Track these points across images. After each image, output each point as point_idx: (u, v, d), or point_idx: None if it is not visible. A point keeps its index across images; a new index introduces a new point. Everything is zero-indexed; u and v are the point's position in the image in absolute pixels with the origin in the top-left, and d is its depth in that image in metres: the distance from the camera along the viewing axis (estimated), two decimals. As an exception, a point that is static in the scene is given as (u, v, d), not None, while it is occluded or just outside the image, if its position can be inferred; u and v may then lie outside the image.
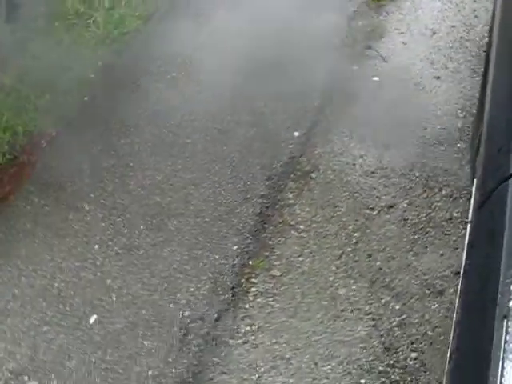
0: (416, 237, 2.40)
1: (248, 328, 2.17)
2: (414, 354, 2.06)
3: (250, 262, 2.36)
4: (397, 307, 2.19)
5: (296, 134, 2.85)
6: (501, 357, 0.77)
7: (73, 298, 2.28)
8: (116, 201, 2.61)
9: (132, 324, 2.20)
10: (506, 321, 0.78)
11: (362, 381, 2.02)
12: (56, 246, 2.46)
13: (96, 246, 2.45)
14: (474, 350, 0.90)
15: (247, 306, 2.24)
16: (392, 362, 2.05)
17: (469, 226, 1.33)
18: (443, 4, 3.57)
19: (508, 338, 0.77)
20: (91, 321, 2.21)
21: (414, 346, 2.08)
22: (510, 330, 0.77)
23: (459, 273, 2.16)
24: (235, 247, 2.41)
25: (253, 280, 2.31)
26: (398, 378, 2.02)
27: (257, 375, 2.05)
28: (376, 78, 3.13)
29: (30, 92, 3.01)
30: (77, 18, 3.50)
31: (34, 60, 3.18)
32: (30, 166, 2.76)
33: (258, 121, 2.90)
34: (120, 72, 3.30)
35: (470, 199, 2.12)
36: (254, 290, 2.28)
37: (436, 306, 2.18)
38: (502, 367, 0.79)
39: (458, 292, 1.20)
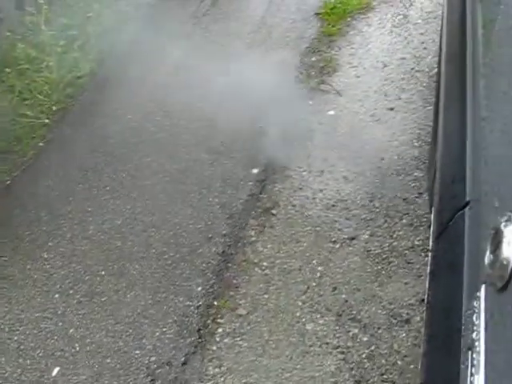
0: (380, 267, 2.40)
1: (217, 370, 2.14)
2: (385, 386, 2.05)
3: (215, 303, 2.34)
4: (365, 339, 2.18)
5: (254, 171, 2.86)
6: (468, 391, 0.76)
7: (34, 350, 2.22)
8: (75, 247, 2.57)
9: (97, 374, 2.14)
10: (470, 353, 0.78)
11: (335, 417, 2.00)
12: (14, 297, 2.40)
13: (56, 295, 2.39)
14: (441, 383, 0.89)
15: (215, 348, 2.20)
16: (363, 395, 2.03)
17: (429, 255, 1.33)
18: (392, 38, 3.66)
19: (474, 370, 0.76)
20: (54, 373, 2.15)
21: (385, 376, 2.07)
22: (475, 362, 0.76)
23: (424, 300, 2.17)
24: (199, 288, 2.38)
25: (219, 320, 2.28)
26: (370, 411, 2.00)
27: (227, 419, 2.01)
28: (331, 112, 3.17)
29: (-18, 141, 2.96)
30: (28, 63, 3.47)
31: (-15, 108, 3.15)
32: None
33: (215, 159, 2.90)
34: (75, 116, 3.27)
35: (429, 227, 2.14)
36: (220, 330, 2.25)
37: (404, 334, 2.17)
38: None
39: (424, 322, 1.20)
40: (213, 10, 4.10)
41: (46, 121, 3.20)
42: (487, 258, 0.80)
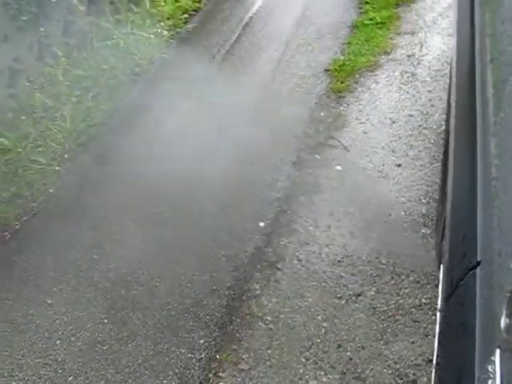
0: (386, 325, 2.37)
1: (217, 426, 2.09)
2: None
3: (218, 356, 2.30)
4: (369, 399, 2.13)
5: (261, 224, 2.85)
6: None
7: (32, 398, 2.18)
8: (80, 294, 2.55)
9: (95, 426, 2.10)
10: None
11: None
12: (16, 342, 2.37)
13: (58, 342, 2.37)
14: None
15: (215, 403, 2.16)
16: None
17: (438, 314, 1.31)
18: (400, 95, 3.71)
19: None
20: (51, 423, 2.11)
21: None
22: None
23: (431, 360, 2.13)
24: (202, 340, 2.35)
25: (220, 374, 2.24)
26: None
27: None
28: (339, 167, 3.19)
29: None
30: (44, 111, 3.55)
31: (0, 154, 3.20)
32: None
33: (222, 212, 2.90)
34: (86, 164, 3.30)
35: (437, 285, 2.12)
36: (221, 384, 2.21)
37: (410, 396, 2.13)
38: None
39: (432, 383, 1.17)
40: (223, 66, 4.18)
41: (57, 168, 3.23)
42: (503, 321, 0.78)
